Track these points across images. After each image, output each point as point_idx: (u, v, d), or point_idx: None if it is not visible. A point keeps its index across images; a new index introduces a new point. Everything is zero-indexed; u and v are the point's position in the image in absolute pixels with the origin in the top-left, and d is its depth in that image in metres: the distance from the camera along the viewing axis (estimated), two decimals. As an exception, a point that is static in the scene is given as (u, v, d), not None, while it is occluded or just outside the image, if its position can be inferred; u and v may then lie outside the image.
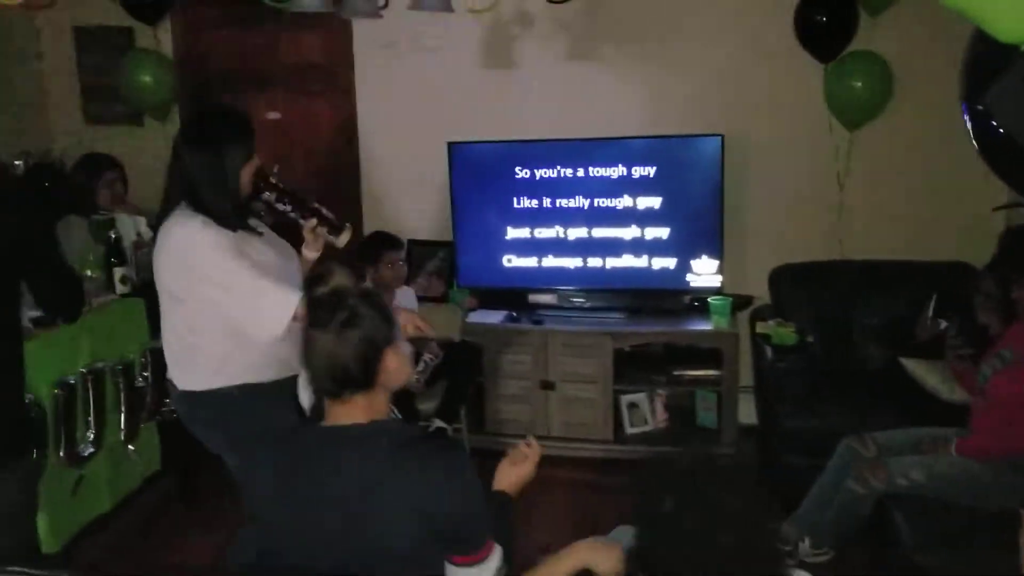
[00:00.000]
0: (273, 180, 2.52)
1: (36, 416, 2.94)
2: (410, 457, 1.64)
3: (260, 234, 2.52)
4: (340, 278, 1.70)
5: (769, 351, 3.81)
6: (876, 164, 4.14)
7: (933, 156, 4.06)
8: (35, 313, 3.12)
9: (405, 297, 3.99)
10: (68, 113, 4.87)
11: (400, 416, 3.48)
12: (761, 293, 4.19)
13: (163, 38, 4.64)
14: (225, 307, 2.37)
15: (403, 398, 3.62)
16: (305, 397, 2.56)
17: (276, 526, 1.70)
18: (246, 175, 2.43)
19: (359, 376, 1.66)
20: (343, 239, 2.58)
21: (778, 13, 3.97)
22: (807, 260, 4.13)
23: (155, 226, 2.51)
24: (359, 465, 1.63)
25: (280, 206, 2.51)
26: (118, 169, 3.99)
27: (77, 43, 4.78)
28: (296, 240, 2.63)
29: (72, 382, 3.14)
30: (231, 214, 2.40)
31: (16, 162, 4.36)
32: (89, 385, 3.21)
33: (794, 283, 4.06)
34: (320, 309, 1.67)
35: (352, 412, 1.69)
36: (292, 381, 2.49)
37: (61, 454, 3.10)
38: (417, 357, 3.84)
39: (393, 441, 1.66)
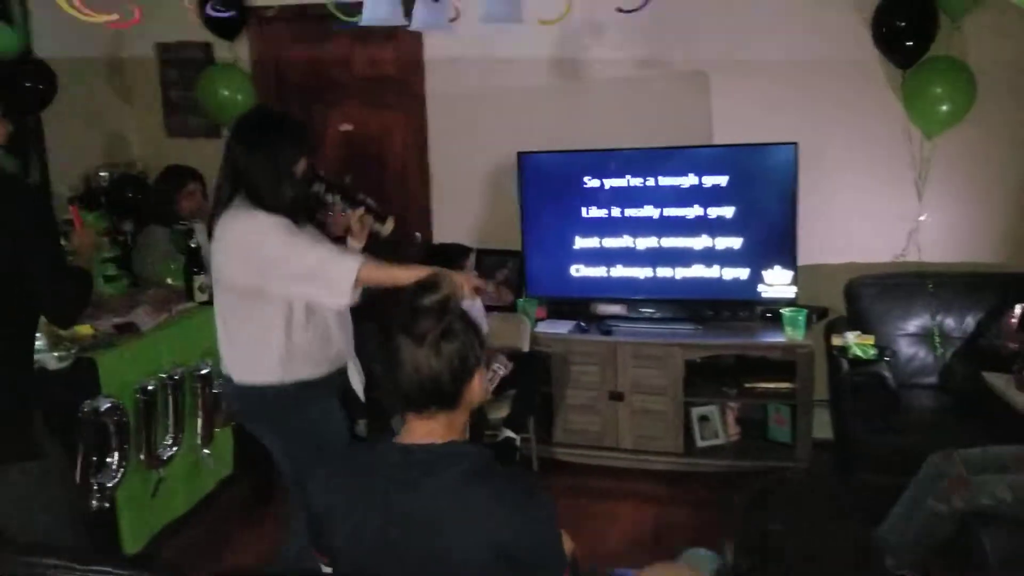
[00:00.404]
0: (321, 173, 2.62)
1: (121, 420, 3.04)
2: (487, 485, 1.61)
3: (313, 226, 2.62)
4: (449, 289, 1.68)
5: (845, 364, 3.72)
6: (956, 172, 4.02)
7: (1015, 163, 3.92)
8: (120, 319, 3.24)
9: (472, 306, 4.01)
10: (150, 126, 5.04)
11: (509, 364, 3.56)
12: (836, 305, 4.10)
13: (240, 53, 4.77)
14: (292, 283, 2.41)
15: (472, 407, 3.64)
16: (357, 382, 2.65)
17: (345, 549, 1.67)
18: (299, 172, 2.49)
19: (450, 392, 1.64)
20: (388, 227, 2.69)
21: (855, 17, 3.90)
22: (884, 271, 4.03)
23: (209, 225, 2.56)
24: (434, 490, 1.60)
25: (329, 197, 2.63)
26: (198, 180, 4.11)
27: (160, 58, 4.94)
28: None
29: (153, 387, 3.23)
30: (288, 209, 2.45)
31: (101, 173, 4.53)
32: (169, 390, 3.31)
33: (871, 294, 3.96)
34: (423, 319, 1.64)
35: (432, 429, 1.66)
36: (337, 375, 2.62)
37: (142, 457, 3.20)
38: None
39: (471, 467, 1.63)
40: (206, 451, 3.56)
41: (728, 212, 4.02)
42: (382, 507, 1.62)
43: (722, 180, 4.00)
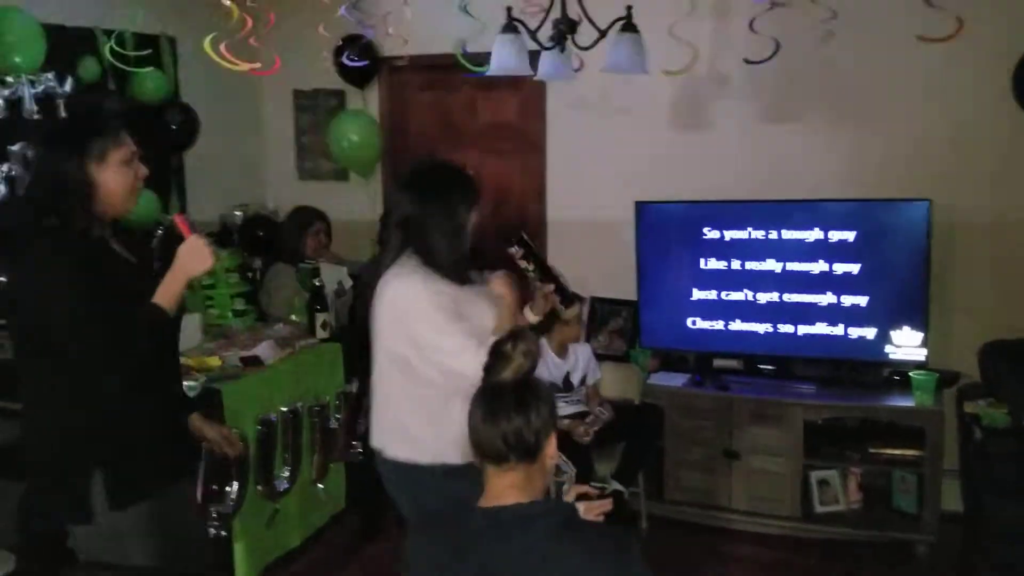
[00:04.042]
0: (525, 238, 2.52)
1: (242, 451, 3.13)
2: (577, 541, 1.61)
3: (482, 287, 2.49)
4: (533, 340, 1.72)
5: (978, 432, 3.50)
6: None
7: None
8: (246, 353, 3.35)
9: (582, 354, 3.99)
10: (283, 168, 5.27)
11: (573, 469, 3.50)
12: (968, 369, 3.87)
13: (370, 100, 4.95)
14: (437, 352, 2.30)
15: (578, 454, 3.60)
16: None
17: None
18: (470, 225, 2.43)
19: (532, 445, 1.66)
20: (571, 312, 2.61)
21: (995, 71, 3.73)
22: (1022, 336, 3.79)
23: (361, 274, 2.52)
24: (524, 548, 1.61)
25: (524, 264, 2.50)
26: (324, 222, 4.26)
27: (295, 104, 5.18)
28: None
29: (273, 419, 3.33)
30: (459, 266, 2.39)
31: (236, 212, 4.75)
32: (288, 424, 3.40)
33: (1008, 360, 3.72)
34: (507, 365, 1.69)
35: (513, 482, 1.67)
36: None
37: (259, 488, 3.29)
38: (586, 413, 3.83)
39: (559, 522, 1.63)
40: (320, 485, 3.63)
41: (855, 269, 3.88)
42: (476, 568, 1.63)
43: (849, 235, 3.87)
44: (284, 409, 3.39)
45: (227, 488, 3.10)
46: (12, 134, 3.51)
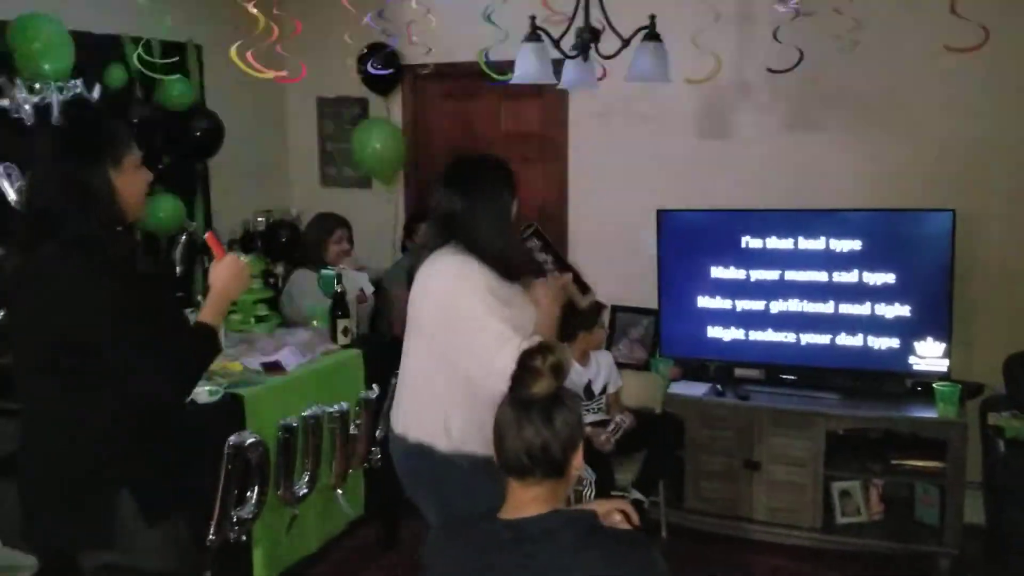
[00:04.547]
0: (539, 229, 2.55)
1: (262, 456, 3.15)
2: (599, 547, 1.60)
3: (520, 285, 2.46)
4: (564, 354, 1.69)
5: (1002, 445, 3.47)
6: None
7: None
8: (267, 359, 3.37)
9: (603, 361, 3.98)
10: (307, 175, 5.31)
11: (593, 475, 3.49)
12: (992, 381, 3.83)
13: (393, 108, 4.98)
14: (480, 333, 2.23)
15: (599, 462, 3.59)
16: None
17: None
18: (513, 215, 2.42)
19: (558, 460, 1.64)
20: (587, 300, 2.61)
21: (1020, 80, 3.70)
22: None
23: (410, 272, 2.47)
24: (548, 559, 1.60)
25: (542, 255, 2.53)
26: (347, 228, 4.28)
27: (319, 112, 5.22)
28: None
29: (294, 425, 3.34)
30: (505, 255, 2.35)
31: (259, 218, 4.79)
32: (308, 429, 3.41)
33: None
34: (539, 380, 1.67)
35: (537, 496, 1.66)
36: None
37: (279, 492, 3.30)
38: (607, 421, 3.82)
39: (579, 531, 1.62)
40: (339, 491, 3.64)
41: (877, 279, 3.86)
42: None
43: (871, 245, 3.85)
44: (305, 415, 3.40)
45: (248, 493, 3.12)
46: (41, 141, 3.56)
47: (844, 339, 3.95)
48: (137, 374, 1.97)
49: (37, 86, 3.56)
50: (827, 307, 3.96)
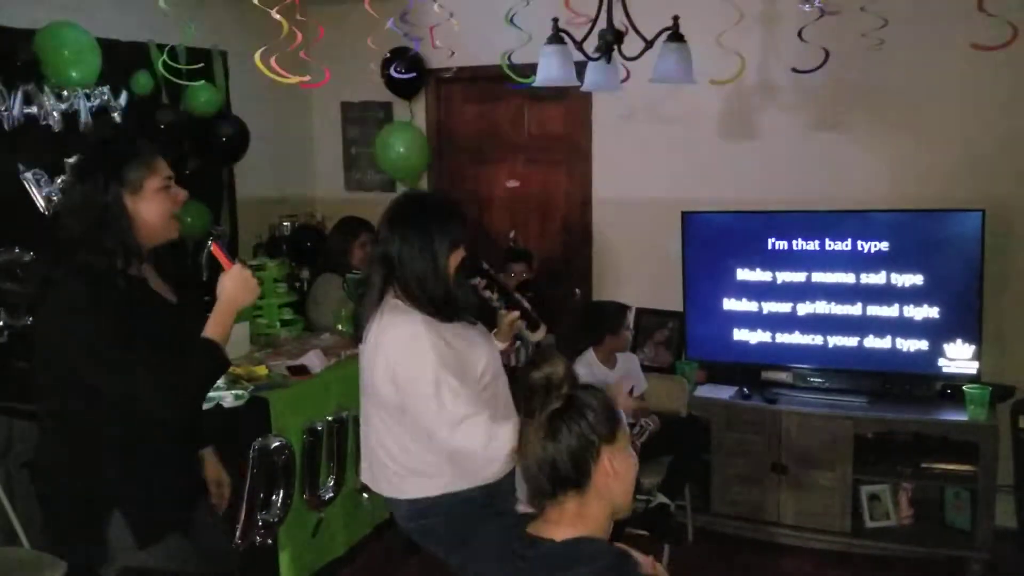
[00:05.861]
0: (485, 267, 2.54)
1: (287, 459, 3.16)
2: None
3: (473, 323, 2.44)
4: (556, 365, 1.61)
5: (1035, 449, 3.42)
6: None
7: None
8: (292, 362, 3.39)
9: (629, 363, 3.96)
10: (331, 180, 5.33)
11: (657, 424, 3.46)
12: (1023, 384, 3.78)
13: (417, 112, 4.99)
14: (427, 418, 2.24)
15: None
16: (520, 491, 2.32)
17: None
18: (453, 263, 2.34)
19: (570, 474, 1.55)
20: (537, 336, 2.59)
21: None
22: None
23: (357, 324, 2.43)
24: None
25: (487, 293, 2.52)
26: (371, 232, 4.28)
27: (343, 116, 5.24)
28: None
29: (319, 428, 3.35)
30: (442, 303, 2.30)
31: (284, 223, 4.81)
32: (333, 432, 3.42)
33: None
34: (534, 397, 1.60)
35: (562, 517, 1.57)
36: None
37: (305, 496, 3.31)
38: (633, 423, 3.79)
39: (602, 567, 1.51)
40: (365, 495, 3.65)
41: (905, 281, 3.81)
42: None
43: (900, 246, 3.81)
44: (330, 418, 3.42)
45: (273, 496, 3.13)
46: (69, 147, 3.60)
47: (872, 341, 3.91)
48: (133, 398, 1.95)
49: (65, 93, 3.61)
50: (855, 309, 3.92)
